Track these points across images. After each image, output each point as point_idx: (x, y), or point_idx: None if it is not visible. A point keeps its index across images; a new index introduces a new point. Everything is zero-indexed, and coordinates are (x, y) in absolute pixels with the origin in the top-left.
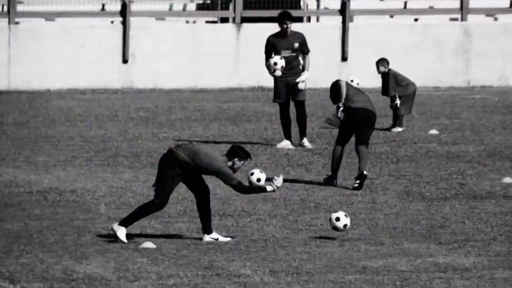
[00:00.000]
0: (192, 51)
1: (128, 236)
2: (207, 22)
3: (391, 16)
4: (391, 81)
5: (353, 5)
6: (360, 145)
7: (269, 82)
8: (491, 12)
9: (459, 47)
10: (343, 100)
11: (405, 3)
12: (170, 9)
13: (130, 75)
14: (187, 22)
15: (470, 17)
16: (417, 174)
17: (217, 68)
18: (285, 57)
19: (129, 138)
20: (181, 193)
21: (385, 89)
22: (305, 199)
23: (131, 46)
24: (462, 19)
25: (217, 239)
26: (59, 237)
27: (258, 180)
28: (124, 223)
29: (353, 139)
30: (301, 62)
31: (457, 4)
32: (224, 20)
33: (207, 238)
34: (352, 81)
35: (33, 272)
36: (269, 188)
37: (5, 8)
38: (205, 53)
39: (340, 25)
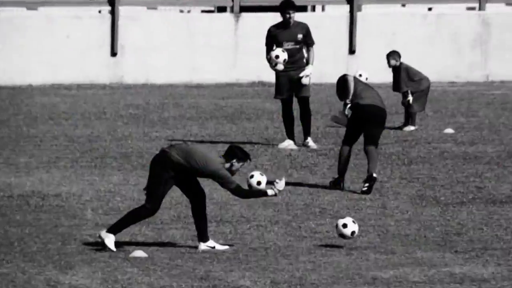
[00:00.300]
0: (186, 43)
1: (117, 244)
2: (202, 11)
3: (403, 5)
4: (403, 75)
5: None
6: (369, 145)
7: (270, 76)
8: (511, 1)
9: (477, 38)
10: (350, 97)
11: None
12: None
13: (119, 69)
14: (181, 11)
15: (489, 6)
16: (431, 177)
17: (214, 62)
18: (287, 50)
19: (118, 138)
20: (175, 197)
21: (396, 85)
22: (309, 204)
23: (120, 37)
24: (480, 9)
25: (214, 247)
26: (42, 245)
27: (258, 183)
28: (112, 230)
29: (361, 138)
30: (305, 55)
31: None
32: (221, 9)
33: (203, 246)
34: (360, 75)
35: (13, 283)
36: (270, 192)
37: None
38: (200, 45)
39: (347, 14)
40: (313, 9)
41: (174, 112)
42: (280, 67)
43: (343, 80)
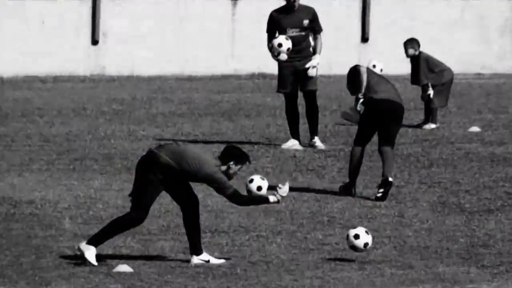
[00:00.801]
0: (177, 30)
1: (99, 257)
2: None
3: None
4: (423, 66)
5: None
6: (384, 146)
7: (273, 67)
8: None
9: (506, 24)
10: (363, 90)
11: None
12: None
13: (101, 60)
14: None
15: None
16: (455, 181)
17: (208, 51)
18: (291, 37)
19: (99, 137)
20: (164, 204)
21: (415, 77)
22: (316, 212)
23: (102, 23)
24: None
25: (208, 261)
26: (13, 259)
27: (259, 188)
28: (93, 241)
29: (375, 138)
30: (312, 43)
31: None
32: None
33: (196, 260)
34: (374, 66)
35: None
36: (272, 198)
37: None
38: (193, 32)
39: None
40: None
41: (163, 108)
42: (284, 56)
43: (354, 72)
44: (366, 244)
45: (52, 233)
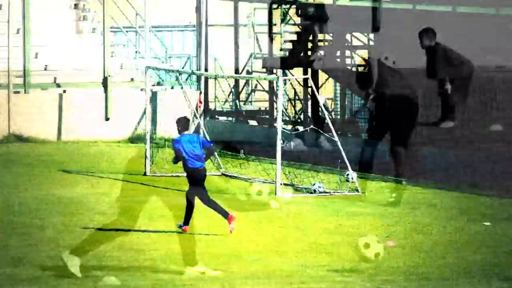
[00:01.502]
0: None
1: (83, 268)
2: None
3: None
4: (440, 58)
5: None
6: (397, 146)
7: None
8: None
9: None
10: (374, 85)
11: None
12: None
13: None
14: None
15: None
16: (475, 185)
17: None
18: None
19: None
20: (155, 211)
21: (431, 70)
22: (322, 218)
23: None
24: None
25: (204, 272)
26: None
27: (260, 193)
28: (77, 251)
29: (387, 137)
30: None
31: None
32: None
33: (190, 271)
34: (386, 58)
35: None
36: (273, 203)
37: None
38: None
39: None
40: None
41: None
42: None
43: (364, 65)
44: (377, 254)
45: (31, 242)
